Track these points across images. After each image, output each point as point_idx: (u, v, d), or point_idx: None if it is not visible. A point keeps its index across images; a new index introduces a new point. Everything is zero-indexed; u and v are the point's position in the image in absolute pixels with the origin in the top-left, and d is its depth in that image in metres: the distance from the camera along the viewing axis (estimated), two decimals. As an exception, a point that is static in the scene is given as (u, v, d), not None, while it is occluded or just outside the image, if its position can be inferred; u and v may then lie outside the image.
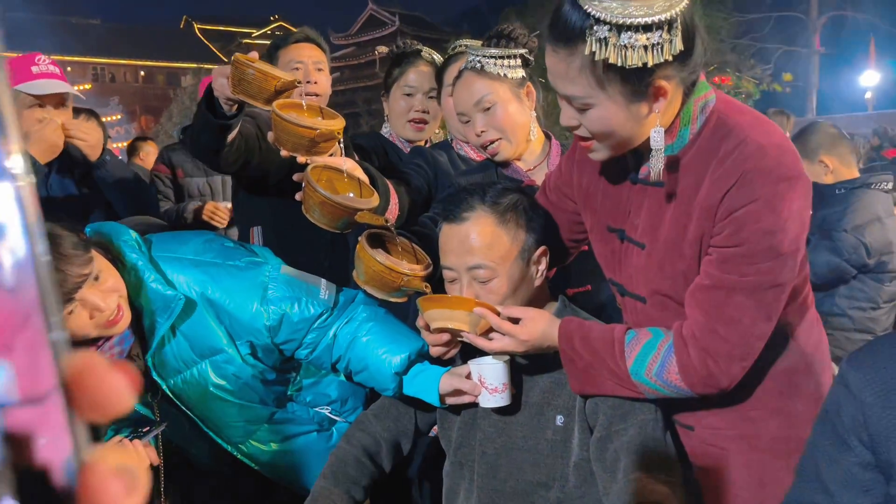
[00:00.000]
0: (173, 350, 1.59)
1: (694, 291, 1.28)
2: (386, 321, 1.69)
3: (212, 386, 1.63)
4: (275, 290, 1.62)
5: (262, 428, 1.76)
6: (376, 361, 1.62)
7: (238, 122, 1.80)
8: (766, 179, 1.17)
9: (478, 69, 1.79)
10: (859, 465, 1.00)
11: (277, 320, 1.61)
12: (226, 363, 1.62)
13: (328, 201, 1.39)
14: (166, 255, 1.60)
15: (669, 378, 1.29)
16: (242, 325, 1.60)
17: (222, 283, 1.59)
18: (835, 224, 2.92)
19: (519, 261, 1.44)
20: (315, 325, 1.64)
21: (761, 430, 1.39)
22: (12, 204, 0.26)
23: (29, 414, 0.26)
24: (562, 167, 1.59)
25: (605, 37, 1.11)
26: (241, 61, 1.51)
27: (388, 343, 1.64)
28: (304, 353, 1.68)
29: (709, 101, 1.27)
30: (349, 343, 1.66)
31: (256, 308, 1.60)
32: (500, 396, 1.44)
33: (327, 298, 1.67)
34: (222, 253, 1.65)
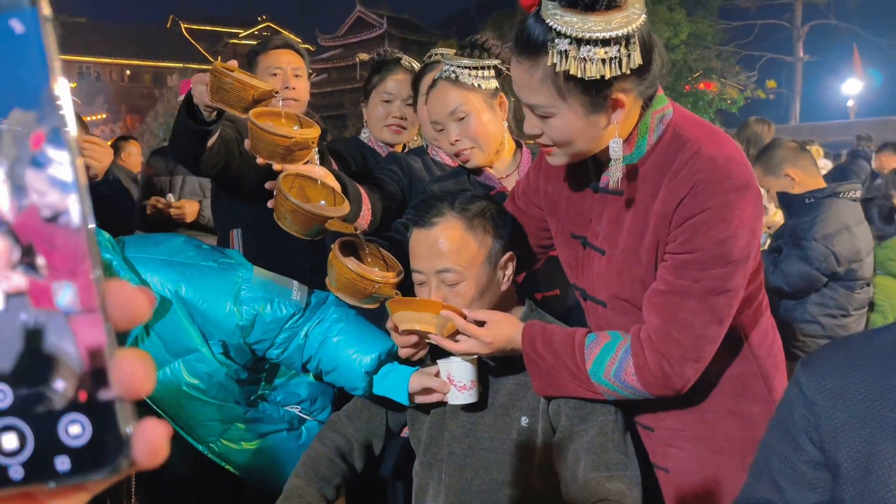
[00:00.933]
0: (146, 349, 1.60)
1: (651, 296, 1.32)
2: (356, 322, 1.72)
3: (185, 385, 1.66)
4: (248, 291, 1.64)
5: (234, 427, 1.78)
6: (346, 361, 1.65)
7: (218, 128, 1.83)
8: (717, 189, 1.22)
9: (452, 79, 1.83)
10: (808, 463, 1.04)
11: (250, 320, 1.64)
12: (199, 362, 1.65)
13: (299, 209, 1.42)
14: (140, 255, 1.63)
15: (626, 379, 1.33)
16: (216, 325, 1.63)
17: (196, 282, 1.62)
18: (805, 233, 2.97)
19: (486, 265, 1.48)
20: (287, 325, 1.67)
21: (717, 431, 1.44)
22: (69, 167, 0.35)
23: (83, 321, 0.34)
24: (529, 175, 1.64)
25: (566, 49, 1.16)
26: (220, 70, 1.54)
27: (358, 343, 1.67)
28: (276, 353, 1.70)
29: (666, 114, 1.32)
30: (320, 343, 1.69)
31: (230, 308, 1.62)
32: (469, 393, 1.48)
33: (299, 299, 1.70)
34: (196, 254, 1.67)
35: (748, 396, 1.43)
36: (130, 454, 0.35)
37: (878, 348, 1.02)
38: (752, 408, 1.43)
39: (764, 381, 1.44)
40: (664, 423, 1.48)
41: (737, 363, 1.42)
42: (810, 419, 1.02)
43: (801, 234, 2.98)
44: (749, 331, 1.43)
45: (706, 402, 1.44)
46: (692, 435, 1.46)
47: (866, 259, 3.01)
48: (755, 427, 1.44)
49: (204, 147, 1.84)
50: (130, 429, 0.35)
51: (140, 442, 0.35)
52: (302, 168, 1.52)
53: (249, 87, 1.54)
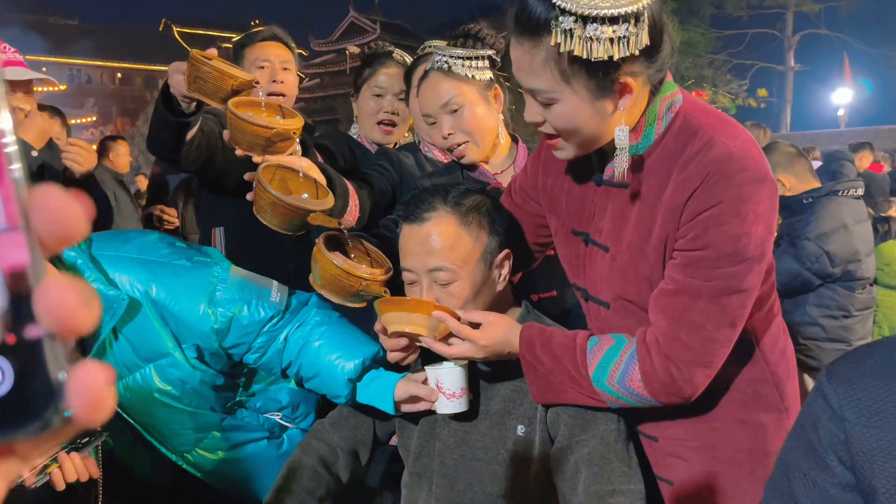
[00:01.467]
0: (115, 354, 1.52)
1: (657, 296, 1.24)
2: (339, 325, 1.64)
3: (156, 392, 1.56)
4: (223, 292, 1.55)
5: (209, 435, 1.69)
6: (328, 367, 1.56)
7: (197, 120, 1.74)
8: (732, 181, 1.13)
9: (445, 70, 1.75)
10: (838, 486, 0.93)
11: (226, 323, 1.55)
12: (171, 367, 1.56)
13: (279, 202, 1.33)
14: (108, 253, 1.53)
15: (632, 386, 1.25)
16: (189, 328, 1.54)
17: (168, 282, 1.53)
18: (799, 232, 2.93)
19: (481, 264, 1.40)
20: (265, 328, 1.58)
21: (725, 442, 1.35)
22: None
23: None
24: (527, 168, 1.55)
25: (571, 28, 1.08)
26: (197, 58, 1.45)
27: (340, 348, 1.58)
28: (254, 358, 1.61)
29: (675, 101, 1.23)
30: (300, 348, 1.60)
31: (204, 310, 1.53)
32: (458, 402, 1.39)
33: (278, 301, 1.61)
34: (169, 252, 1.58)
35: (759, 404, 1.35)
36: (63, 406, 0.29)
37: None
38: (763, 416, 1.35)
39: (776, 387, 1.36)
40: (669, 433, 1.39)
41: (747, 369, 1.34)
42: (839, 436, 0.91)
43: (795, 234, 2.93)
44: (760, 334, 1.35)
45: (714, 410, 1.35)
46: (699, 445, 1.37)
47: (865, 259, 2.95)
48: (766, 437, 1.36)
49: (182, 140, 1.75)
50: (64, 374, 0.29)
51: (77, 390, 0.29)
52: (284, 159, 1.43)
53: (228, 77, 1.46)
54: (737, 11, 24.20)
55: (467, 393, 1.41)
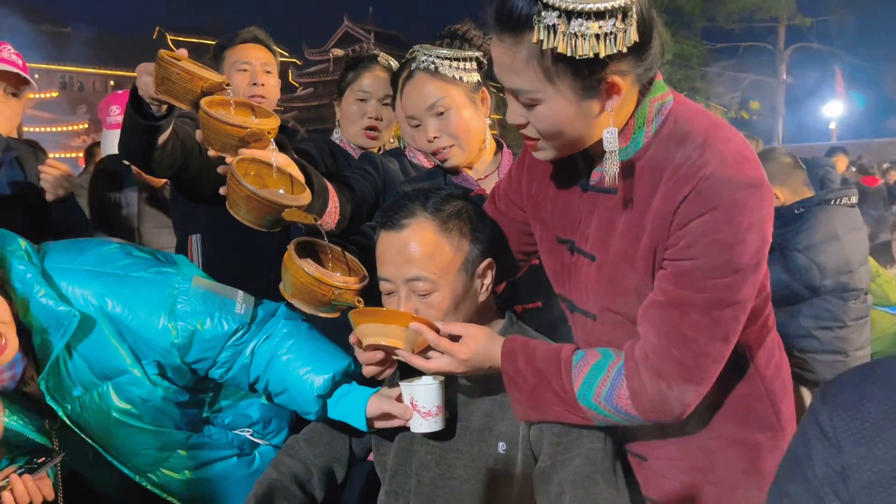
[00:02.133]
0: (70, 372, 1.44)
1: (647, 309, 1.17)
2: (309, 337, 1.56)
3: (115, 411, 1.48)
4: (185, 304, 1.48)
5: (174, 454, 1.61)
6: (297, 382, 1.49)
7: (169, 124, 1.68)
8: (725, 187, 1.07)
9: (431, 71, 1.68)
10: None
11: (187, 338, 1.47)
12: (130, 385, 1.48)
13: (253, 196, 1.27)
14: (61, 266, 1.45)
15: (619, 403, 1.18)
16: (148, 344, 1.46)
17: (124, 296, 1.45)
18: (789, 243, 2.87)
19: (462, 273, 1.33)
20: (229, 342, 1.51)
21: (718, 462, 1.29)
22: None
23: None
24: (512, 174, 1.49)
25: (554, 24, 1.01)
26: (166, 59, 1.39)
27: (310, 362, 1.50)
28: (219, 373, 1.54)
29: (666, 103, 1.17)
30: (268, 362, 1.52)
31: (163, 324, 1.46)
32: (434, 421, 1.33)
33: (243, 313, 1.53)
34: (127, 263, 1.50)
35: (753, 422, 1.28)
36: None
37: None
38: (758, 436, 1.28)
39: (771, 405, 1.29)
40: (659, 452, 1.33)
41: (741, 385, 1.28)
42: (836, 469, 0.81)
43: (786, 244, 2.88)
44: (754, 349, 1.28)
45: (706, 428, 1.28)
46: (690, 465, 1.31)
47: (859, 269, 2.89)
48: (760, 458, 1.29)
49: (153, 145, 1.68)
50: None
51: None
52: (259, 153, 1.37)
53: (198, 78, 1.39)
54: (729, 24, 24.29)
55: (443, 411, 1.34)
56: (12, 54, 2.55)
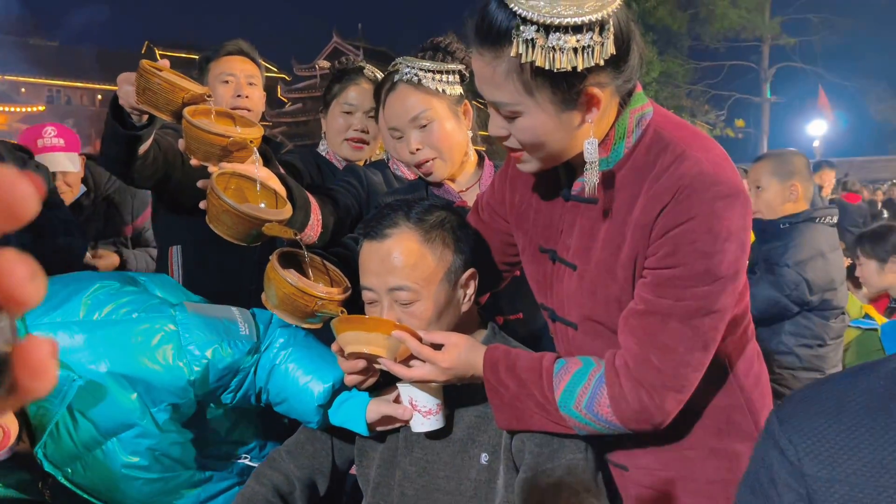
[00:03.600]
0: (72, 435, 1.36)
1: (627, 317, 1.18)
2: (305, 346, 1.54)
3: (122, 466, 1.41)
4: (190, 338, 1.40)
5: (179, 495, 1.55)
6: (297, 393, 1.47)
7: (149, 134, 1.67)
8: (703, 196, 1.08)
9: (414, 83, 1.69)
10: None
11: (202, 372, 1.40)
12: (139, 438, 1.40)
13: (233, 210, 1.26)
14: (45, 321, 1.35)
15: (600, 411, 1.18)
16: (160, 388, 1.38)
17: (126, 346, 1.36)
18: (777, 258, 2.89)
19: (445, 283, 1.33)
20: (243, 364, 1.47)
21: (697, 472, 1.29)
22: None
23: None
24: (494, 184, 1.49)
25: (533, 38, 1.02)
26: (148, 69, 1.39)
27: (309, 371, 1.48)
28: (230, 397, 1.49)
29: (645, 114, 1.18)
30: (268, 372, 1.49)
31: (174, 364, 1.38)
32: (435, 419, 1.33)
33: (249, 333, 1.48)
34: (115, 306, 1.40)
35: (733, 432, 1.29)
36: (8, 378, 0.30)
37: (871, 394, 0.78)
38: (738, 446, 1.29)
39: (750, 415, 1.30)
40: (639, 462, 1.33)
41: (721, 395, 1.28)
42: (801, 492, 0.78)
43: (774, 260, 2.90)
44: (734, 359, 1.29)
45: (686, 438, 1.29)
46: (670, 475, 1.31)
47: (840, 288, 2.92)
48: (740, 468, 1.28)
49: (134, 155, 1.67)
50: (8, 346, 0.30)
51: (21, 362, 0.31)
52: (240, 167, 1.36)
53: (179, 90, 1.39)
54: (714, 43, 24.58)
55: (443, 409, 1.34)
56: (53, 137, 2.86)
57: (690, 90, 24.83)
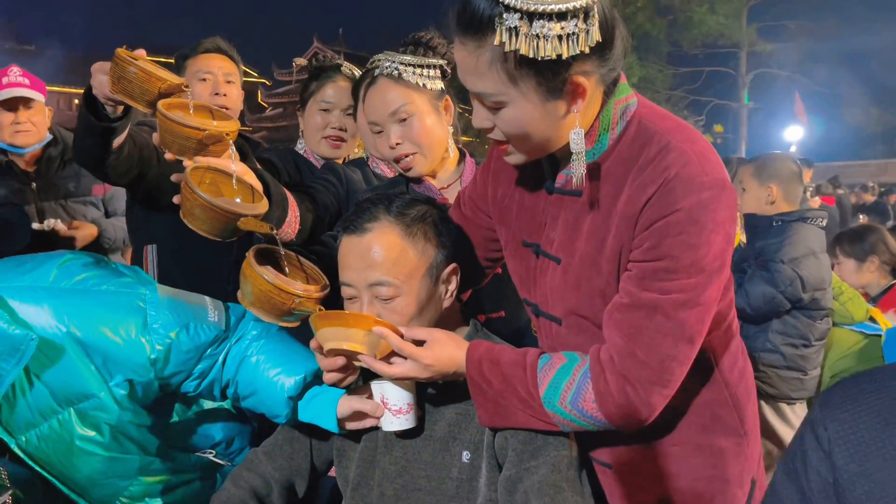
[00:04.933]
0: (27, 400, 1.34)
1: (612, 311, 1.16)
2: (279, 339, 1.50)
3: (78, 439, 1.38)
4: (156, 317, 1.39)
5: (135, 482, 1.51)
6: (267, 384, 1.43)
7: (124, 127, 1.63)
8: (689, 188, 1.06)
9: (395, 77, 1.66)
10: None
11: (163, 352, 1.38)
12: (96, 410, 1.38)
13: (207, 205, 1.23)
14: (11, 284, 1.34)
15: (585, 407, 1.16)
16: (119, 362, 1.37)
17: (89, 313, 1.35)
18: (772, 255, 2.91)
19: (426, 278, 1.30)
20: (207, 352, 1.44)
21: (682, 469, 1.27)
22: None
23: None
24: (477, 179, 1.47)
25: (516, 26, 1.00)
26: (123, 58, 1.35)
27: (280, 363, 1.44)
28: (193, 385, 1.46)
29: (630, 105, 1.17)
30: (238, 364, 1.46)
31: (136, 339, 1.37)
32: (405, 418, 1.30)
33: (218, 320, 1.46)
34: (85, 277, 1.40)
35: (718, 428, 1.27)
36: None
37: None
38: (723, 441, 1.27)
39: (735, 410, 1.28)
40: (624, 459, 1.31)
41: (706, 390, 1.26)
42: (828, 480, 0.76)
43: (768, 257, 2.92)
44: (719, 354, 1.27)
45: (671, 434, 1.27)
46: (655, 473, 1.29)
47: (828, 289, 2.96)
48: (725, 464, 1.28)
49: (108, 148, 1.63)
50: None
51: None
52: (215, 161, 1.33)
53: (156, 79, 1.35)
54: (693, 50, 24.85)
55: (415, 409, 1.31)
56: (19, 76, 2.90)
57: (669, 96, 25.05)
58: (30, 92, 2.89)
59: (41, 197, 2.96)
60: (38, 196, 2.96)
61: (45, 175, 2.98)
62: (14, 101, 2.85)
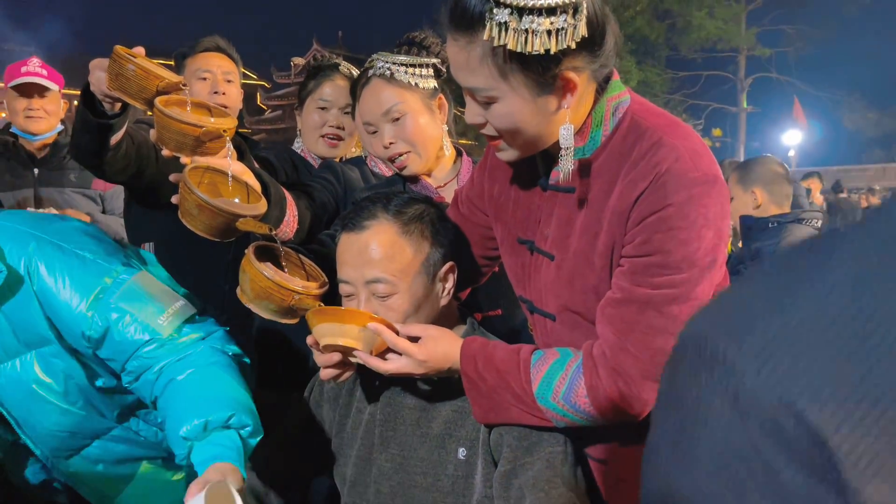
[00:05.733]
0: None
1: (604, 306, 1.16)
2: (218, 374, 1.39)
3: (35, 384, 1.40)
4: (111, 297, 1.39)
5: (93, 444, 1.50)
6: (173, 415, 1.32)
7: (122, 124, 1.63)
8: (681, 183, 1.07)
9: (387, 76, 1.68)
10: None
11: (100, 333, 1.38)
12: (55, 357, 1.40)
13: (206, 205, 1.23)
14: (11, 224, 1.38)
15: (577, 402, 1.16)
16: (63, 325, 1.38)
17: (55, 267, 1.37)
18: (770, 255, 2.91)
19: (422, 275, 1.31)
20: (138, 352, 1.39)
21: None
22: None
23: None
24: (474, 177, 1.48)
25: (506, 21, 1.01)
26: (122, 55, 1.36)
27: (196, 398, 1.32)
28: (128, 380, 1.43)
29: (622, 102, 1.18)
30: (166, 384, 1.38)
31: (81, 310, 1.37)
32: None
33: (164, 325, 1.40)
34: (75, 239, 1.42)
35: None
36: None
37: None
38: None
39: None
40: (618, 456, 1.31)
41: None
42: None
43: (765, 257, 2.92)
44: None
45: None
46: None
47: None
48: None
49: (106, 145, 1.63)
50: None
51: None
52: (214, 161, 1.34)
53: (154, 77, 1.36)
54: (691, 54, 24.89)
55: None
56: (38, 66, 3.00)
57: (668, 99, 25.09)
58: (45, 81, 2.99)
59: (41, 182, 3.04)
60: (37, 181, 3.04)
61: (49, 162, 3.07)
62: (29, 88, 2.96)
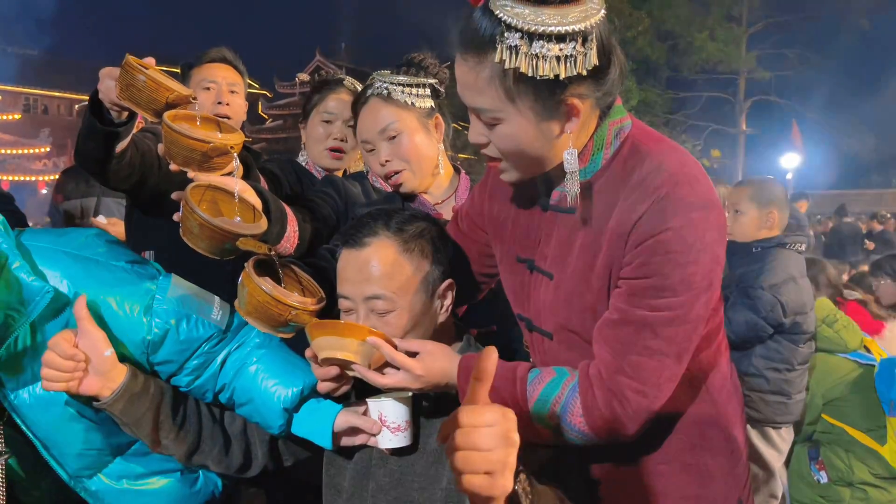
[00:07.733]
0: (29, 354, 1.36)
1: (601, 327, 1.18)
2: (280, 350, 1.51)
3: (68, 403, 1.40)
4: (162, 301, 1.42)
5: (116, 461, 1.52)
6: (263, 394, 1.44)
7: (128, 132, 1.65)
8: (679, 207, 1.09)
9: (384, 96, 1.72)
10: None
11: (160, 335, 1.40)
12: None
13: (207, 224, 1.25)
14: (38, 244, 1.39)
15: (573, 421, 1.17)
16: (117, 335, 1.39)
17: (102, 282, 1.39)
18: (752, 281, 2.93)
19: (421, 293, 1.32)
20: (202, 348, 1.45)
21: (670, 488, 1.29)
22: None
23: None
24: (474, 196, 1.50)
25: (516, 45, 1.04)
26: (133, 65, 1.37)
27: (278, 374, 1.45)
28: (186, 381, 1.47)
29: (624, 127, 1.20)
30: (236, 371, 1.47)
31: (138, 317, 1.39)
32: (403, 436, 1.31)
33: (219, 320, 1.48)
34: (106, 251, 1.45)
35: (706, 447, 1.29)
36: None
37: None
38: (711, 461, 1.29)
39: (724, 430, 1.30)
40: (612, 476, 1.32)
41: (694, 408, 1.28)
42: None
43: (748, 283, 2.94)
44: (708, 373, 1.29)
45: (658, 451, 1.29)
46: (643, 490, 1.30)
47: (810, 313, 2.97)
48: (713, 484, 1.30)
49: (111, 153, 1.65)
50: None
51: None
52: (216, 179, 1.35)
53: (164, 89, 1.37)
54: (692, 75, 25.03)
55: (412, 426, 1.32)
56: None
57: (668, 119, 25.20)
58: None
59: (104, 191, 2.99)
60: (102, 190, 2.98)
61: None
62: None
